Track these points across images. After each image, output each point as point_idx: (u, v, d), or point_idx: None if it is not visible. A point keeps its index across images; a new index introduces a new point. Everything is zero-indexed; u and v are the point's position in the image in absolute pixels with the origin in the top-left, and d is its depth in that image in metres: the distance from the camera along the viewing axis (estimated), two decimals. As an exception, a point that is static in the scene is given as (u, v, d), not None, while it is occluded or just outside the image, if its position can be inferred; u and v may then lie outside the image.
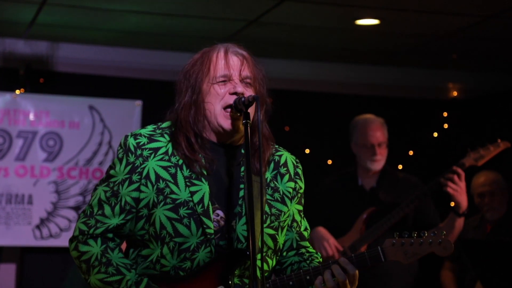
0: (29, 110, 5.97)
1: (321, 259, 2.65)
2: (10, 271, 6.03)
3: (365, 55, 6.47)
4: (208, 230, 2.45)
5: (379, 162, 4.53)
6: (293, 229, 2.64)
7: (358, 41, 5.98)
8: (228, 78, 2.49)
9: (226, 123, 2.47)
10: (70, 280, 5.23)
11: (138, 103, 6.17)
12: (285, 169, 2.61)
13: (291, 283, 2.49)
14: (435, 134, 6.96)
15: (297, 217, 2.66)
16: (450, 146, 6.88)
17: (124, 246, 3.26)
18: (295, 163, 2.66)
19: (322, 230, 4.50)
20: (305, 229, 2.70)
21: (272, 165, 2.59)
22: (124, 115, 6.14)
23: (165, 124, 2.57)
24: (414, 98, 7.01)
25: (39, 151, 5.98)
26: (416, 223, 4.41)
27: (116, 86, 6.31)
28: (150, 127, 2.56)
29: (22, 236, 5.90)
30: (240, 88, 2.47)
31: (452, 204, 4.27)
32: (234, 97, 2.46)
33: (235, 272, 2.48)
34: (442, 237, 2.48)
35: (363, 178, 4.60)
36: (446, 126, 7.00)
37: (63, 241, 5.93)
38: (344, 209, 4.55)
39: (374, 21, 5.36)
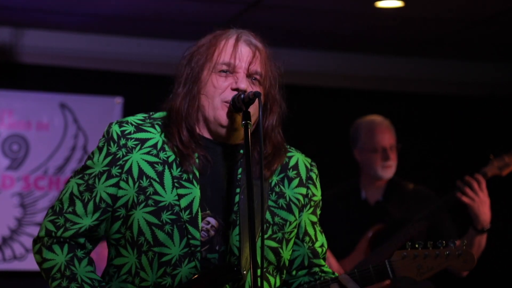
0: (-11, 109, 5.96)
1: None
2: (-33, 300, 6.02)
3: (386, 44, 6.50)
4: (193, 242, 2.44)
5: (391, 168, 4.55)
6: (305, 244, 2.62)
7: (379, 28, 6.01)
8: (231, 68, 2.48)
9: (223, 119, 2.47)
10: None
11: (118, 101, 6.16)
12: (294, 172, 2.60)
13: None
14: (470, 137, 6.93)
15: (310, 230, 2.63)
16: (487, 151, 6.83)
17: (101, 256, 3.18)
18: (308, 166, 2.64)
19: None
20: (321, 246, 2.67)
21: (279, 167, 2.58)
22: (101, 114, 6.14)
23: (158, 114, 2.57)
24: (445, 94, 7.03)
25: (0, 157, 5.96)
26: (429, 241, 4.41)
27: (92, 80, 6.32)
28: (140, 115, 2.57)
29: (-20, 258, 5.90)
30: (243, 85, 2.46)
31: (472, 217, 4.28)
32: (234, 93, 2.46)
33: None
34: (462, 249, 2.46)
35: (368, 191, 4.63)
36: (483, 127, 6.96)
37: (29, 264, 5.92)
38: (346, 227, 4.57)
39: (397, 3, 5.37)
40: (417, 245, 2.47)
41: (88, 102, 6.17)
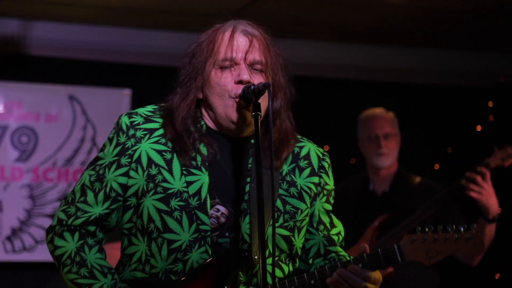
0: (-2, 100, 5.97)
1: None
2: (-23, 290, 6.04)
3: (396, 35, 6.49)
4: (202, 227, 2.47)
5: (386, 156, 4.67)
6: (320, 232, 2.64)
7: (388, 19, 5.99)
8: (232, 62, 2.50)
9: (234, 115, 2.48)
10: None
11: (127, 92, 6.17)
12: (306, 162, 2.62)
13: None
14: (479, 128, 6.91)
15: (325, 219, 2.65)
16: (496, 142, 6.82)
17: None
18: (320, 156, 2.66)
19: None
20: (338, 233, 2.69)
21: (290, 157, 2.60)
22: (110, 106, 6.14)
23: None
24: (454, 85, 7.03)
25: (10, 149, 5.98)
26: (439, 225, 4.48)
27: (101, 72, 6.33)
28: (150, 107, 2.61)
29: (-10, 249, 5.91)
30: (245, 76, 2.47)
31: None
32: (241, 86, 2.46)
33: (241, 279, 2.49)
34: (471, 232, 2.45)
35: (375, 182, 4.76)
36: (491, 118, 6.94)
37: (38, 255, 5.93)
38: (353, 217, 4.66)
39: (406, -6, 5.33)
40: (426, 229, 2.46)
41: (96, 94, 6.18)
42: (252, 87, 2.42)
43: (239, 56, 2.48)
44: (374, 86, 6.87)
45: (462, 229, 2.45)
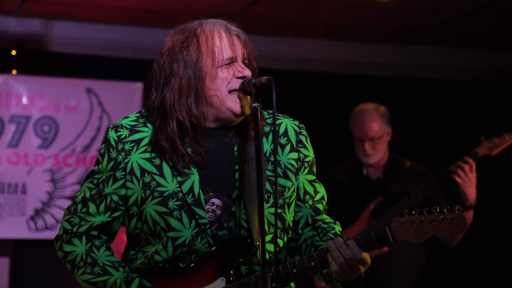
0: (22, 93, 5.99)
1: (340, 228, 2.65)
2: (3, 266, 6.05)
3: (382, 33, 6.48)
4: (201, 221, 2.49)
5: (371, 156, 4.68)
6: (306, 204, 2.63)
7: (375, 17, 6.00)
8: (233, 60, 2.53)
9: (236, 107, 2.50)
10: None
11: (139, 86, 6.19)
12: (285, 139, 2.60)
13: (295, 270, 2.49)
14: (459, 118, 6.96)
15: (309, 188, 2.64)
16: (475, 132, 6.86)
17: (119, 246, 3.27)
18: (297, 130, 2.63)
19: None
20: (321, 199, 2.67)
21: (270, 136, 2.58)
22: (124, 98, 6.15)
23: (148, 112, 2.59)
24: (436, 79, 7.01)
25: (33, 137, 6.01)
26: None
27: (116, 67, 6.35)
28: (132, 116, 2.60)
29: (15, 228, 5.94)
30: (247, 72, 2.51)
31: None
32: (240, 81, 2.50)
33: (241, 260, 2.51)
34: (454, 213, 2.46)
35: (368, 169, 4.76)
36: (471, 109, 6.99)
37: (59, 233, 5.98)
38: (349, 201, 4.71)
39: (393, -5, 5.43)
40: (413, 212, 2.47)
41: (111, 87, 6.17)
42: (253, 80, 2.44)
43: (238, 54, 2.52)
44: (363, 79, 6.81)
45: (445, 210, 2.45)
